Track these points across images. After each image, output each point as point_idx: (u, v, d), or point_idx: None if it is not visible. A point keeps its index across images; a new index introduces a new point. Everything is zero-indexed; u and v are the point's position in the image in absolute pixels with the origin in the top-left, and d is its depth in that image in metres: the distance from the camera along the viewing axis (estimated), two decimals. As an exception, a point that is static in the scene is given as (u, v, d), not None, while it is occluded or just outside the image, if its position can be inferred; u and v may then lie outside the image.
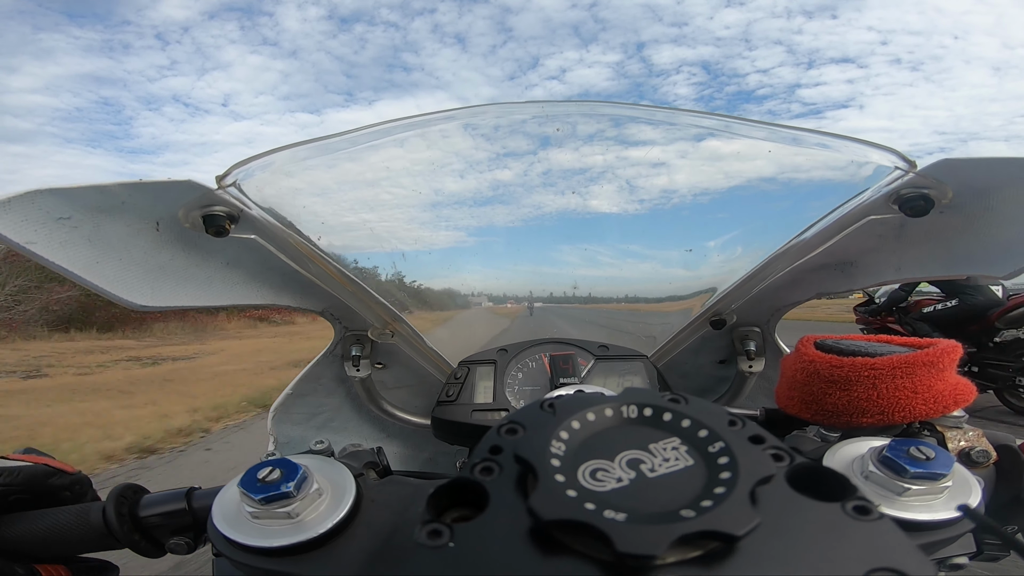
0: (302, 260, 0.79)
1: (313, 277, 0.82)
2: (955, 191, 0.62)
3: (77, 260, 0.56)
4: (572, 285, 1.16)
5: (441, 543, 0.24)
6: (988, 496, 0.53)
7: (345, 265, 0.84)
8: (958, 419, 0.56)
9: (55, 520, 0.51)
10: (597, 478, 0.27)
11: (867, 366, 0.55)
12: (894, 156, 0.63)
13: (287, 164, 0.69)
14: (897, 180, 0.65)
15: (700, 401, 0.32)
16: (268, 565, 0.39)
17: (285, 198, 0.72)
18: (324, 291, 0.86)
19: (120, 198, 0.58)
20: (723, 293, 0.95)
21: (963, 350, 0.57)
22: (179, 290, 0.68)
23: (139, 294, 0.62)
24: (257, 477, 0.41)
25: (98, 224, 0.58)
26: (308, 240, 0.76)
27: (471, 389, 0.95)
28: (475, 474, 0.28)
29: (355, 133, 0.70)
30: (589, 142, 0.88)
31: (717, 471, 0.27)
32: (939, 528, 0.42)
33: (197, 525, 0.53)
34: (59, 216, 0.54)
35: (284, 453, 0.51)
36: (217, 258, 0.73)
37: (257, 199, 0.68)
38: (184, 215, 0.64)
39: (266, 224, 0.70)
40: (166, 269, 0.66)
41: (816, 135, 0.69)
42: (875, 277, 0.78)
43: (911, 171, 0.63)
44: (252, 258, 0.75)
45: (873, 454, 0.45)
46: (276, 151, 0.65)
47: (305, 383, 0.99)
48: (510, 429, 0.31)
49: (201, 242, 0.68)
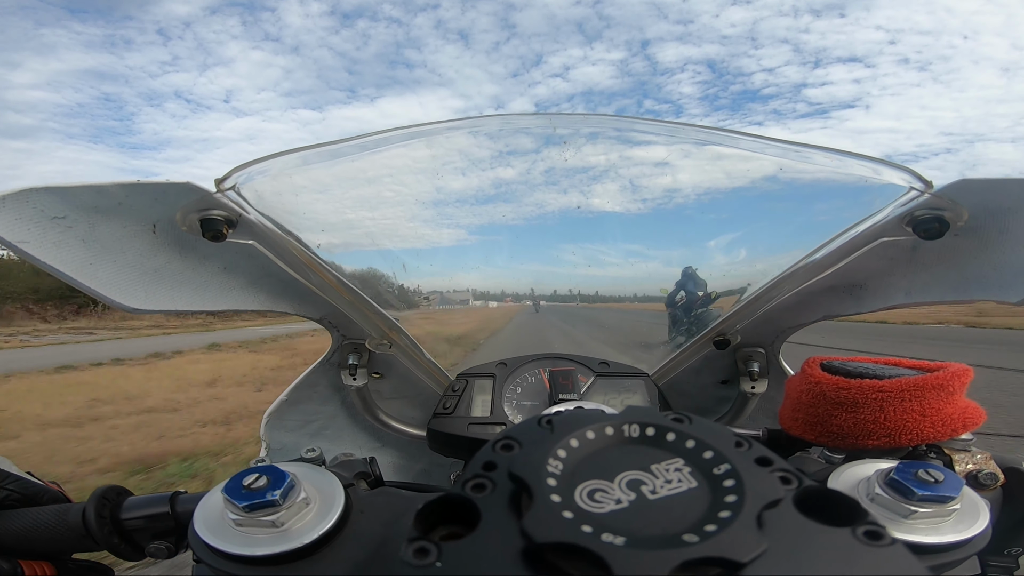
0: (300, 267, 0.78)
1: (311, 285, 0.82)
2: (971, 213, 0.61)
3: (70, 261, 0.55)
4: (574, 284, 1.16)
5: (427, 562, 0.23)
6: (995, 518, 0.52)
7: (344, 274, 0.83)
8: (966, 442, 0.55)
9: (35, 519, 0.51)
10: (595, 499, 0.26)
11: (875, 388, 0.54)
12: (910, 176, 0.62)
13: (287, 169, 0.69)
14: (912, 201, 0.63)
15: (704, 421, 0.31)
16: (249, 574, 0.38)
17: (285, 204, 0.71)
18: (322, 299, 0.85)
19: (117, 199, 0.57)
20: (729, 313, 0.94)
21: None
22: (174, 294, 0.67)
23: (133, 297, 0.61)
24: (243, 484, 0.40)
25: (93, 224, 0.57)
26: (307, 248, 0.76)
27: (468, 402, 0.94)
28: (467, 490, 0.27)
29: (357, 140, 0.70)
30: (592, 141, 0.88)
31: (722, 494, 0.26)
32: (946, 551, 0.41)
33: (179, 530, 0.52)
34: (54, 215, 0.53)
35: (276, 460, 0.50)
36: (214, 263, 0.72)
37: (256, 204, 0.67)
38: (182, 218, 0.63)
39: (264, 230, 0.69)
40: (161, 272, 0.66)
41: (829, 152, 0.68)
42: (884, 301, 0.76)
43: (927, 192, 0.61)
44: (250, 264, 0.74)
45: (880, 476, 0.44)
46: (277, 156, 0.65)
47: (300, 390, 0.98)
48: (506, 445, 0.29)
49: (198, 246, 0.67)
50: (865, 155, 0.64)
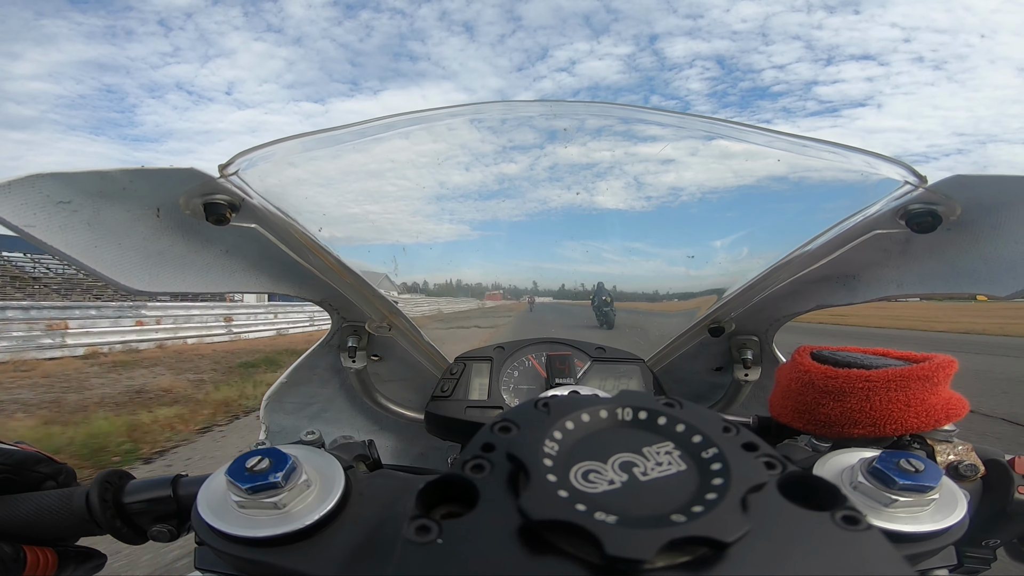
0: (302, 250, 0.79)
1: (312, 268, 0.82)
2: (964, 208, 0.62)
3: (76, 244, 0.55)
4: (576, 281, 1.17)
5: (429, 539, 0.24)
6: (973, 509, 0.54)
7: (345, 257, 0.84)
8: (948, 433, 0.56)
9: (39, 504, 0.52)
10: (589, 480, 0.27)
11: (861, 378, 0.55)
12: (904, 170, 0.62)
13: (290, 155, 0.69)
14: (906, 195, 0.64)
15: (695, 406, 0.32)
16: (252, 555, 0.39)
17: (287, 189, 0.72)
18: (323, 282, 0.86)
19: (121, 184, 0.57)
20: (724, 301, 0.95)
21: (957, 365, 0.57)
22: (177, 276, 0.68)
23: (137, 279, 0.62)
24: (245, 466, 0.41)
25: (98, 209, 0.58)
26: (308, 231, 0.76)
27: (466, 385, 0.96)
28: (466, 471, 0.28)
29: (360, 126, 0.70)
30: (597, 137, 0.88)
31: (709, 477, 0.27)
32: (924, 540, 0.42)
33: (181, 513, 0.53)
34: (59, 200, 0.54)
35: (275, 442, 0.50)
36: (217, 246, 0.72)
37: (259, 189, 0.68)
38: (185, 202, 0.64)
39: (267, 214, 0.70)
40: (165, 255, 0.66)
41: (825, 145, 0.68)
42: (876, 291, 0.78)
43: (921, 186, 0.62)
44: (252, 247, 0.75)
45: (863, 465, 0.45)
46: (280, 141, 0.65)
47: (300, 372, 0.99)
48: (503, 427, 0.30)
49: (201, 229, 0.68)
50: (861, 148, 0.65)
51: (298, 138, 0.66)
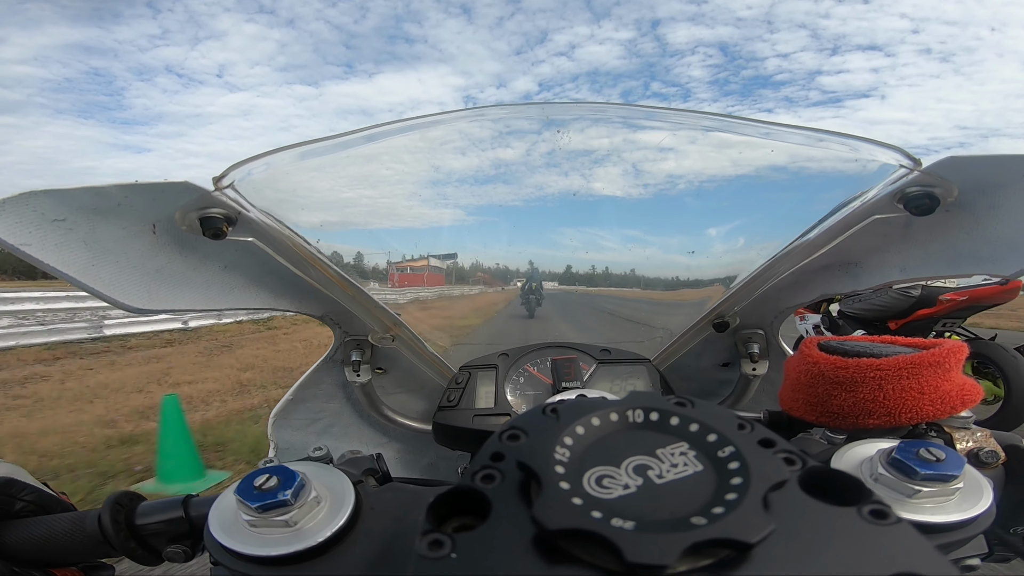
0: (302, 264, 0.78)
1: (313, 281, 0.82)
2: (961, 189, 0.62)
3: (72, 262, 0.55)
4: (571, 268, 1.16)
5: (442, 554, 0.23)
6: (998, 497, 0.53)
7: (345, 269, 0.83)
8: (965, 419, 0.55)
9: (52, 527, 0.51)
10: (603, 485, 0.26)
11: (873, 367, 0.54)
12: (899, 154, 0.62)
13: (286, 165, 0.69)
14: (902, 179, 0.64)
15: (707, 404, 0.31)
16: (266, 574, 0.39)
17: (283, 200, 0.71)
18: (324, 295, 0.85)
19: (116, 200, 0.57)
20: (726, 295, 0.94)
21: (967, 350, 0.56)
22: (176, 293, 0.67)
23: (136, 297, 0.62)
24: (254, 485, 0.40)
25: (94, 226, 0.57)
26: (308, 243, 0.76)
27: (472, 394, 0.95)
28: (476, 482, 0.27)
29: (354, 135, 0.69)
30: (595, 124, 0.88)
31: (728, 476, 0.26)
32: (953, 530, 0.41)
33: (195, 533, 0.52)
34: (54, 218, 0.53)
35: (283, 459, 0.50)
36: (215, 261, 0.72)
37: (255, 201, 0.67)
38: (181, 217, 0.63)
39: (264, 227, 0.69)
40: (163, 272, 0.66)
41: (818, 134, 0.68)
42: (880, 277, 0.77)
43: (916, 169, 0.62)
44: (251, 261, 0.74)
45: (882, 456, 0.44)
46: (274, 152, 0.64)
47: (305, 388, 0.98)
48: (512, 435, 0.30)
49: (198, 245, 0.67)
50: (852, 134, 0.65)
51: (293, 148, 0.66)
